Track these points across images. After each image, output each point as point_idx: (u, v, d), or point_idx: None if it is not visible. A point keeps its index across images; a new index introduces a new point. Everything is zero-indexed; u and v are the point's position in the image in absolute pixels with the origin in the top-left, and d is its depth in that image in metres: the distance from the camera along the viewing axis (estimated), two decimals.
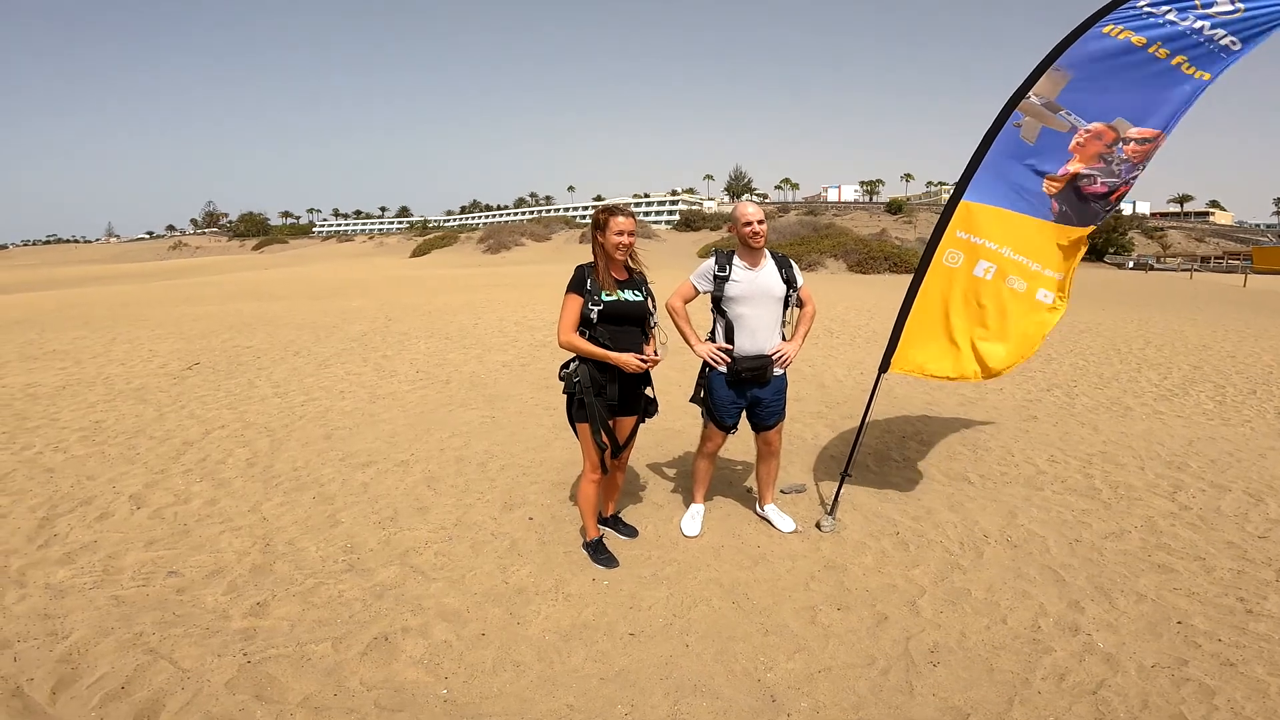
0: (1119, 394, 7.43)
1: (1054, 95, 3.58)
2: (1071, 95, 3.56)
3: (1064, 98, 3.57)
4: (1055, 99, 3.58)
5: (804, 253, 34.79)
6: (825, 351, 9.96)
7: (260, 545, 3.66)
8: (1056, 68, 3.55)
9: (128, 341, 10.46)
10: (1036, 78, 3.58)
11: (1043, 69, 3.57)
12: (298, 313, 14.43)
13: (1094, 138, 3.58)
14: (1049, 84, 3.57)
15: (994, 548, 3.70)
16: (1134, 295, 22.11)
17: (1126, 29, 3.46)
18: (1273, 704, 2.44)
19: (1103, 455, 5.28)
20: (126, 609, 3.01)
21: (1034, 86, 3.59)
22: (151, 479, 4.62)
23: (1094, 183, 3.65)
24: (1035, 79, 3.58)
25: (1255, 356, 9.81)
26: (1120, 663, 2.69)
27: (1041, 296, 3.78)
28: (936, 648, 2.80)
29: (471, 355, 9.45)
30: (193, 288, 24.82)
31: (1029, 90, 3.60)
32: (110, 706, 2.40)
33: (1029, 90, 3.60)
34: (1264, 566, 3.47)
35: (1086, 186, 3.66)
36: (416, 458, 5.12)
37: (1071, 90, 3.55)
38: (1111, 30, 3.47)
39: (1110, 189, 3.66)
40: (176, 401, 6.78)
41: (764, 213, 3.58)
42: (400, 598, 3.16)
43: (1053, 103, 3.59)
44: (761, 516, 4.04)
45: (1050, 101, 3.59)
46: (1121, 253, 58.89)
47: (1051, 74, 3.55)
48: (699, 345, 3.61)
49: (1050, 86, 3.57)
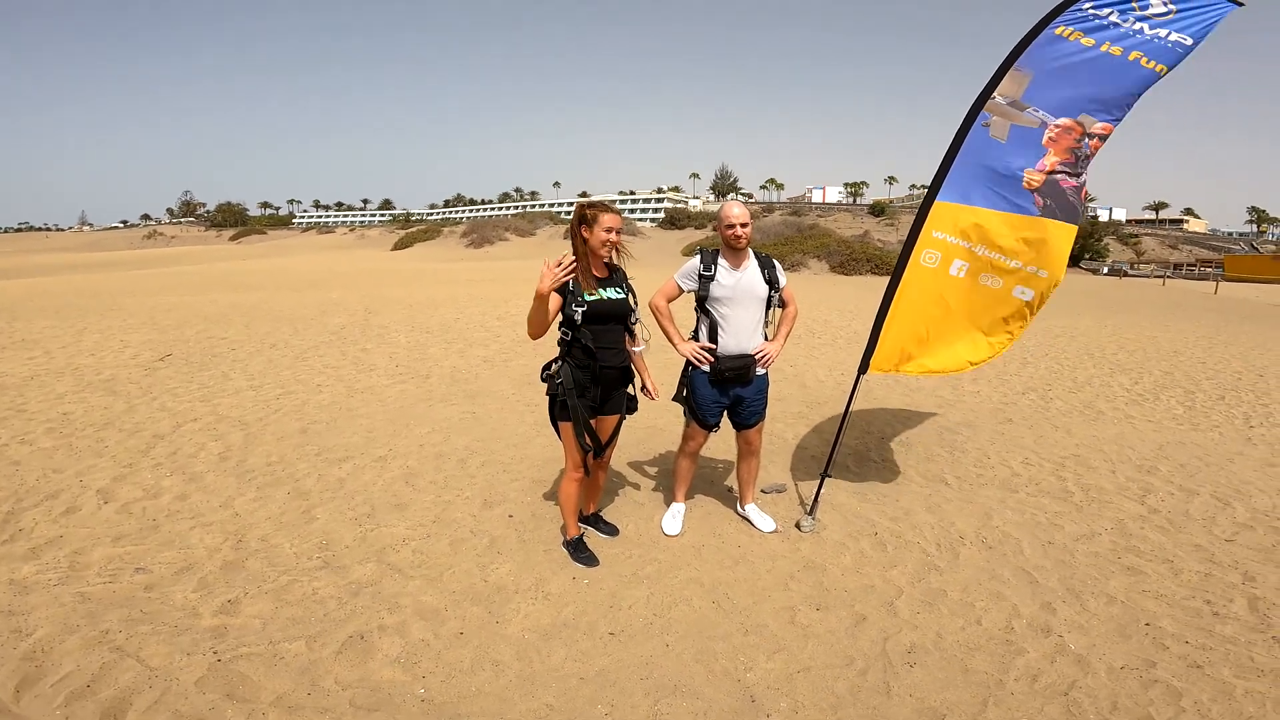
0: (1092, 398, 7.56)
1: (1019, 94, 3.69)
2: (1036, 93, 3.68)
3: (1029, 96, 3.68)
4: (1020, 98, 3.69)
5: (787, 253, 34.95)
6: (807, 351, 10.02)
7: (232, 541, 3.60)
8: (1017, 68, 3.66)
9: (99, 331, 10.23)
10: (999, 79, 3.68)
11: (1003, 71, 3.68)
12: (275, 304, 14.20)
13: (1065, 132, 3.70)
14: (1012, 84, 3.68)
15: (970, 549, 3.75)
16: (1109, 301, 22.52)
17: (1076, 30, 3.62)
18: (1238, 706, 2.49)
19: (1075, 458, 5.37)
20: (93, 606, 2.94)
21: (998, 88, 3.69)
22: (120, 473, 4.52)
23: (1068, 178, 3.75)
24: (997, 80, 3.69)
25: (1225, 363, 10.04)
26: (1090, 664, 2.73)
27: (1019, 293, 3.84)
28: (913, 648, 2.83)
29: (453, 350, 9.37)
30: (167, 277, 24.34)
31: (993, 91, 3.70)
32: (76, 705, 2.34)
33: (993, 91, 3.70)
34: (1230, 570, 3.55)
35: (1063, 181, 3.75)
36: (395, 453, 5.07)
37: (1036, 89, 3.68)
38: (1063, 31, 3.63)
39: (1079, 185, 3.78)
40: (147, 393, 6.64)
41: (749, 214, 3.59)
42: (377, 595, 3.12)
43: (1018, 101, 3.69)
44: (742, 516, 4.05)
45: (1016, 100, 3.70)
46: (1097, 258, 59.90)
47: (1013, 74, 3.67)
48: (682, 344, 3.60)
49: (1014, 86, 3.68)
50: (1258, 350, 11.44)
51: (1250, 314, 18.96)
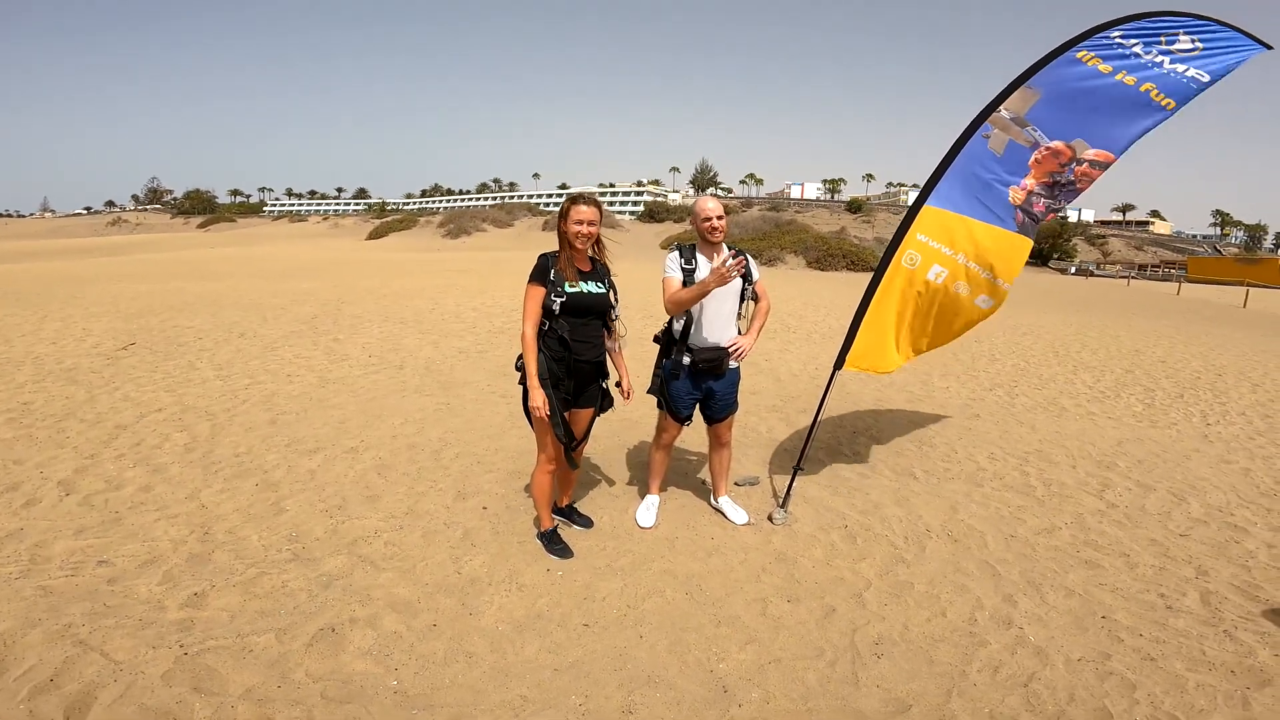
0: (1056, 395, 7.75)
1: (1023, 111, 3.74)
2: (1039, 113, 3.73)
3: (1032, 114, 3.74)
4: (1024, 115, 3.74)
5: (765, 248, 35.15)
6: (782, 346, 10.11)
7: (198, 534, 3.54)
8: (1028, 85, 3.70)
9: (60, 319, 9.94)
10: (1009, 93, 3.73)
11: (1016, 85, 3.72)
12: (244, 293, 13.92)
13: (1051, 155, 3.76)
14: (1020, 100, 3.73)
15: (936, 542, 3.83)
16: (1075, 300, 23.05)
17: (1096, 56, 3.65)
18: (1190, 698, 2.58)
19: (1038, 453, 5.51)
20: (54, 599, 2.88)
21: (1005, 102, 3.73)
22: (82, 464, 4.41)
23: (1039, 202, 3.85)
24: (1008, 94, 3.73)
25: (1185, 362, 10.36)
26: (1049, 656, 2.81)
27: (981, 301, 3.97)
28: (881, 640, 2.89)
29: (427, 341, 9.28)
30: (131, 265, 23.70)
31: (1000, 104, 3.74)
32: (40, 699, 2.30)
33: (1000, 104, 3.74)
34: (1184, 564, 3.68)
35: (1035, 204, 3.85)
36: (367, 444, 5.02)
37: (1040, 108, 3.73)
38: (1084, 56, 3.66)
39: (1047, 209, 3.88)
40: (110, 383, 6.48)
41: (724, 208, 3.61)
42: (348, 588, 3.10)
43: (1021, 118, 3.75)
44: (715, 508, 4.10)
45: (1019, 117, 3.75)
46: (1065, 259, 61.21)
47: (1023, 91, 3.71)
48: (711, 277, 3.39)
49: (1021, 103, 3.73)
50: (1217, 350, 11.82)
51: (1211, 314, 19.56)
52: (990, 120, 3.77)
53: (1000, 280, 3.91)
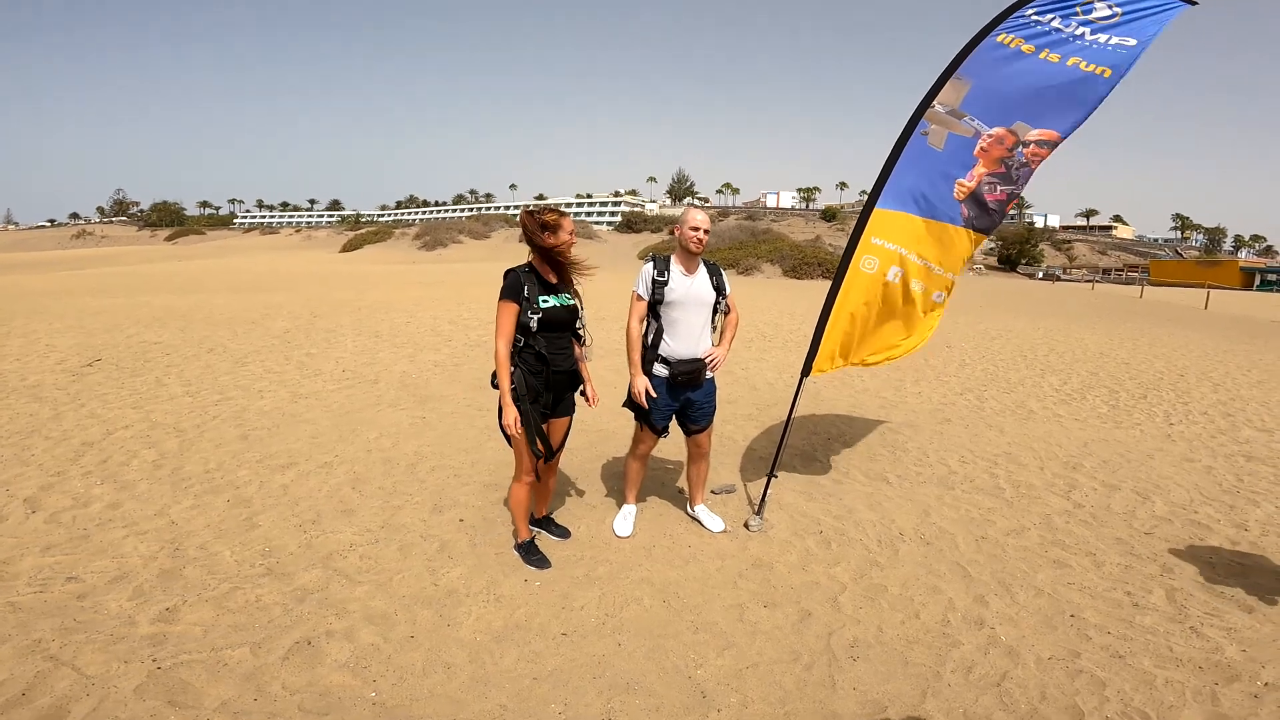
0: (1024, 398, 7.93)
1: (957, 103, 3.77)
2: (974, 102, 3.75)
3: (967, 104, 3.76)
4: (959, 106, 3.77)
5: (742, 257, 35.47)
6: (757, 354, 10.21)
7: (169, 549, 3.48)
8: (958, 76, 3.74)
9: (22, 335, 9.69)
10: (940, 87, 3.75)
11: (945, 78, 3.75)
12: (213, 307, 13.70)
13: (996, 142, 3.77)
14: (952, 92, 3.75)
15: (909, 545, 3.90)
16: (1042, 304, 23.57)
17: (1017, 37, 3.68)
18: (1159, 695, 2.63)
19: (1007, 456, 5.63)
20: (23, 615, 2.82)
21: (938, 95, 3.75)
22: (48, 481, 4.31)
23: (995, 189, 3.85)
24: (939, 88, 3.75)
25: (1148, 363, 10.65)
26: (1020, 655, 2.87)
27: (937, 297, 4.07)
28: (856, 643, 2.93)
29: (403, 354, 9.21)
30: (97, 279, 23.19)
31: (934, 99, 3.76)
32: (12, 714, 2.26)
33: (934, 99, 3.76)
34: (1149, 561, 3.78)
35: (988, 193, 3.86)
36: (341, 459, 4.97)
37: (973, 97, 3.74)
38: (1005, 39, 3.69)
39: (1009, 196, 3.89)
40: (75, 400, 6.34)
41: (710, 221, 3.67)
42: (324, 601, 3.07)
43: (956, 109, 3.77)
44: (692, 517, 4.13)
45: (954, 109, 3.77)
46: (1033, 264, 62.60)
47: (954, 82, 3.74)
48: (638, 377, 3.62)
49: (953, 94, 3.76)
50: (1179, 351, 12.17)
51: (1173, 316, 20.13)
52: (926, 116, 3.77)
53: (951, 274, 4.01)
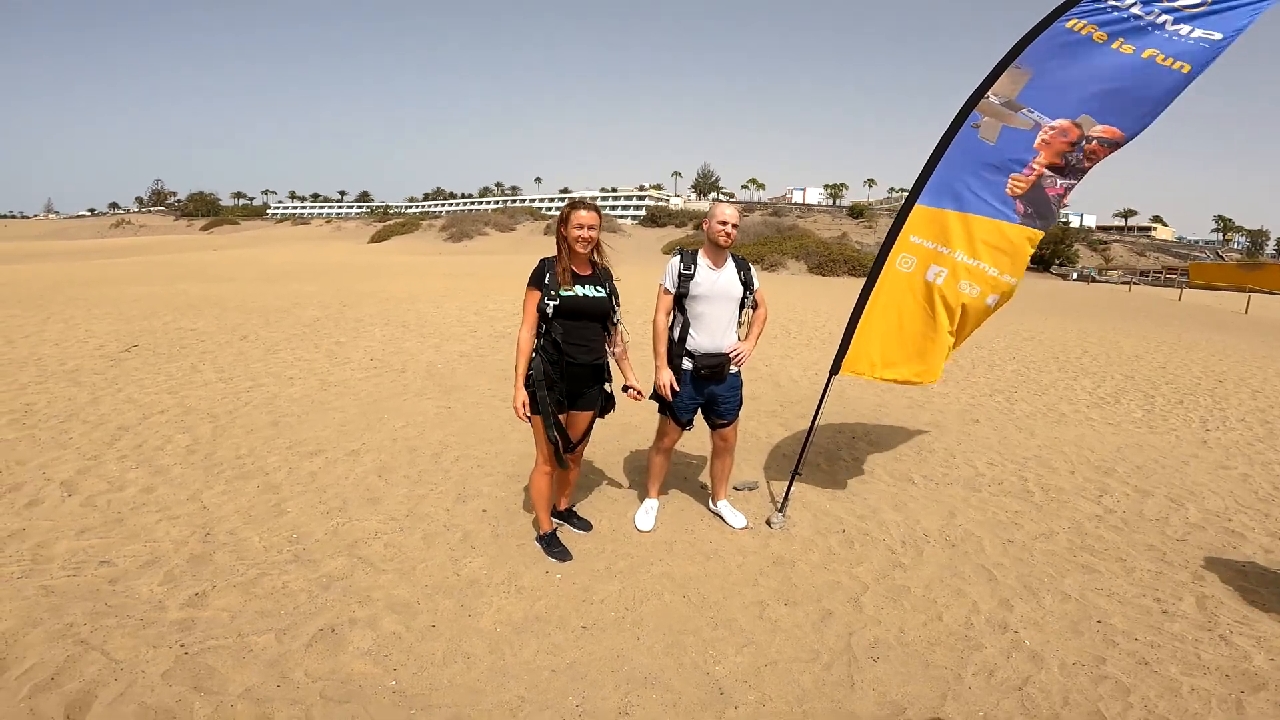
0: (1055, 400, 7.76)
1: (1014, 94, 3.52)
2: (1033, 93, 3.49)
3: (1025, 95, 3.50)
4: (1015, 98, 3.52)
5: (767, 253, 35.20)
6: (782, 351, 10.13)
7: (200, 534, 3.56)
8: (1016, 66, 3.49)
9: (63, 321, 9.99)
10: (996, 77, 3.52)
11: (1002, 68, 3.51)
12: (247, 296, 13.97)
13: (1059, 134, 3.50)
14: (1009, 82, 3.51)
15: (933, 547, 3.84)
16: (1076, 306, 23.04)
17: (1090, 24, 3.36)
18: (1184, 703, 2.59)
19: (1037, 459, 5.52)
20: (56, 599, 2.90)
21: (993, 86, 3.53)
22: (84, 465, 4.44)
23: (1055, 184, 3.61)
24: (994, 78, 3.53)
25: (1185, 368, 10.36)
26: (1044, 660, 2.82)
27: (990, 301, 3.82)
28: (877, 643, 2.90)
29: (429, 344, 9.31)
30: (135, 267, 23.79)
31: (988, 90, 3.54)
32: (40, 698, 2.32)
33: (988, 90, 3.54)
34: (1181, 569, 3.68)
35: (1049, 187, 3.61)
36: (368, 447, 5.04)
37: (1033, 88, 3.48)
38: (1075, 25, 3.39)
39: (1066, 189, 3.64)
40: (113, 385, 6.51)
41: (739, 216, 3.65)
42: (348, 589, 3.12)
43: (1013, 101, 3.53)
44: (714, 512, 4.11)
45: (1010, 100, 3.53)
46: (1067, 264, 61.17)
47: (1011, 72, 3.50)
48: (663, 371, 3.63)
49: (1010, 85, 3.52)
50: (1217, 356, 11.82)
51: (1212, 321, 19.56)
52: (978, 109, 3.56)
53: (1009, 276, 3.72)
